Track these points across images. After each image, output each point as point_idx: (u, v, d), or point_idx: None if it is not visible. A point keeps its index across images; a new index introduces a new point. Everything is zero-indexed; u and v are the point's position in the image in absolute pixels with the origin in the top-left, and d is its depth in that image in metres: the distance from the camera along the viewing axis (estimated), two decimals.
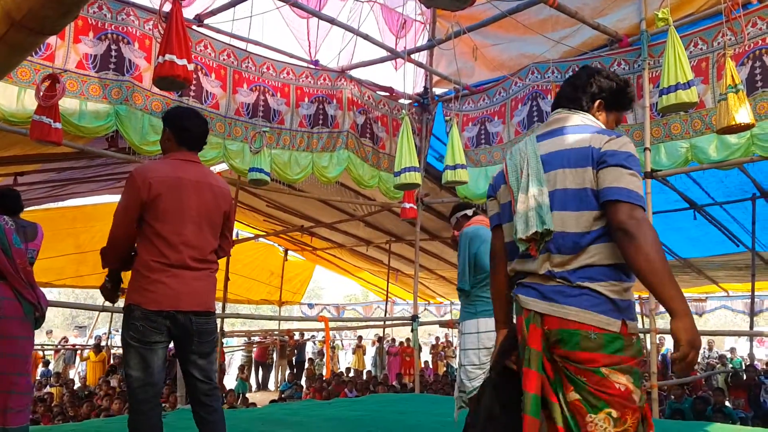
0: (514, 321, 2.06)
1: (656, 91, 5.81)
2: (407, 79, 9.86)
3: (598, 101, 2.10)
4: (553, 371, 1.81)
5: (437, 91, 8.89)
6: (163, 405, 8.17)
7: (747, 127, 5.02)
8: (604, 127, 2.07)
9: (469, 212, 4.15)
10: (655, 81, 6.18)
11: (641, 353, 1.81)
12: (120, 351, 15.47)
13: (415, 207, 8.03)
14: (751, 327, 11.00)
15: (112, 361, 14.09)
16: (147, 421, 2.59)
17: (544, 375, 1.79)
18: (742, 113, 4.96)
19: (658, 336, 7.20)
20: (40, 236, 3.85)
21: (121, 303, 2.95)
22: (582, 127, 2.00)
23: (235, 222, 11.68)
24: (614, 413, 1.71)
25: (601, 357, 1.73)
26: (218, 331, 2.82)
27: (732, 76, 4.96)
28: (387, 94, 8.47)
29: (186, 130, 2.82)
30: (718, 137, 5.89)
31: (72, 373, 14.79)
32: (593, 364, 1.74)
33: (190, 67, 4.61)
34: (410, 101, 8.70)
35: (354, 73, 8.02)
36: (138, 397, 2.58)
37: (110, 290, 2.90)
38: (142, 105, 5.93)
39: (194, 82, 6.28)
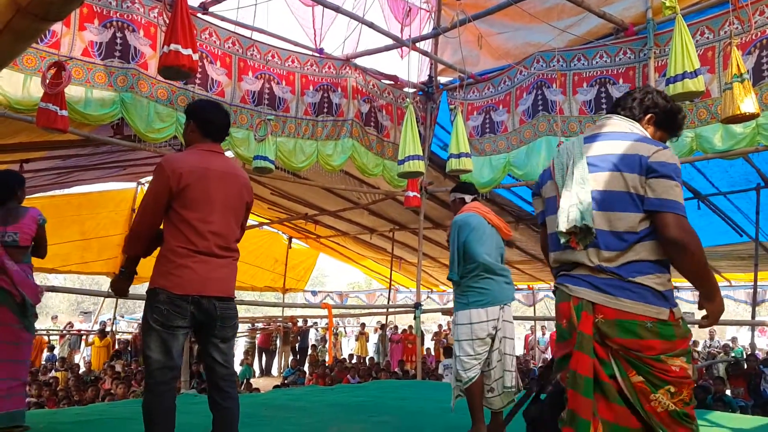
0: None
1: (662, 80, 5.79)
2: (412, 68, 9.84)
3: (649, 115, 2.25)
4: (607, 354, 1.98)
5: (442, 79, 8.87)
6: None
7: (752, 116, 5.02)
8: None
9: (468, 198, 4.05)
10: (661, 70, 6.16)
11: (688, 332, 2.04)
12: (124, 336, 15.62)
13: (419, 195, 8.04)
14: (753, 317, 11.00)
15: (116, 347, 14.22)
16: (162, 403, 2.61)
17: (594, 358, 1.97)
18: (748, 103, 4.95)
19: None
20: (26, 219, 3.79)
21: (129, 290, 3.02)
22: (630, 135, 2.14)
23: None
24: (672, 389, 1.93)
25: (658, 344, 1.94)
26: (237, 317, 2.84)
27: (738, 65, 4.95)
28: (391, 82, 8.46)
29: (210, 122, 2.89)
30: (724, 127, 5.88)
31: (77, 358, 14.92)
32: (652, 351, 1.94)
33: (195, 56, 4.62)
34: (415, 90, 8.68)
35: (359, 61, 8.01)
36: (156, 379, 2.60)
37: (123, 281, 2.94)
38: (147, 92, 5.94)
39: (199, 69, 6.28)
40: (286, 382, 11.36)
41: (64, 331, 16.09)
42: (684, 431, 1.92)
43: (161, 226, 2.75)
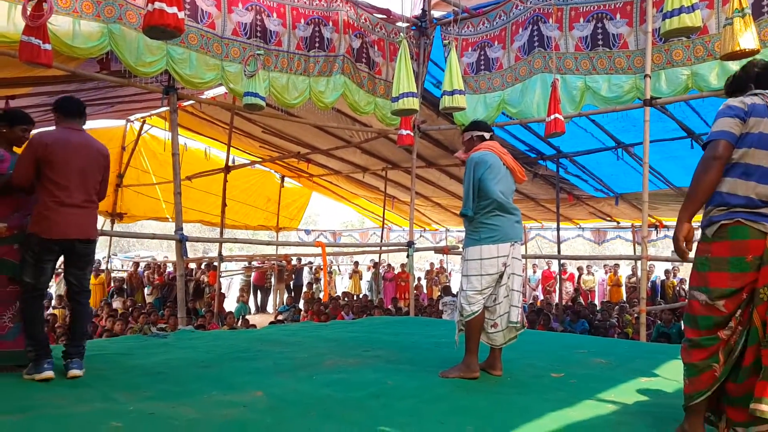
0: None
1: (659, 16, 5.67)
2: (405, 1, 9.57)
3: None
4: None
5: (436, 14, 8.64)
6: (164, 326, 8.40)
7: (752, 53, 4.95)
8: None
9: (487, 135, 3.97)
10: (659, 5, 6.02)
11: None
12: (119, 275, 15.74)
13: (412, 134, 7.97)
14: None
15: (112, 285, 14.36)
16: (32, 309, 3.58)
17: None
18: (747, 38, 4.88)
19: (648, 263, 7.33)
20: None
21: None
22: None
23: (231, 148, 11.62)
24: None
25: None
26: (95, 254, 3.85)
27: None
28: (384, 16, 8.23)
29: (66, 108, 3.73)
30: (720, 64, 5.81)
31: None
32: None
33: (181, 15, 4.48)
34: (408, 24, 8.47)
35: None
36: (28, 296, 3.56)
37: None
38: (136, 24, 5.75)
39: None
40: (281, 318, 11.56)
41: (59, 270, 16.16)
42: None
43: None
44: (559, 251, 12.15)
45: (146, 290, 14.49)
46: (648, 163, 6.48)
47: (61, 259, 3.73)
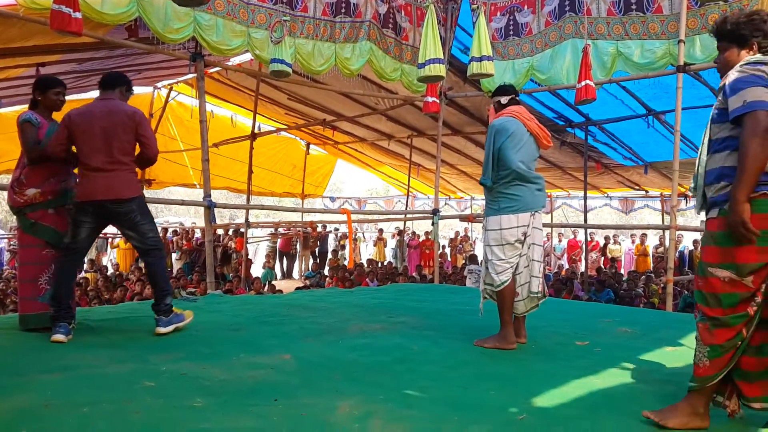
0: None
1: None
2: None
3: None
4: None
5: None
6: (193, 290, 8.57)
7: None
8: None
9: (504, 100, 3.87)
10: None
11: None
12: None
13: (438, 101, 7.89)
14: None
15: None
16: (64, 265, 3.76)
17: None
18: None
19: (677, 233, 7.24)
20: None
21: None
22: None
23: (257, 115, 11.65)
24: None
25: None
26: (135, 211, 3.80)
27: None
28: None
29: (99, 83, 3.89)
30: None
31: (104, 260, 15.44)
32: None
33: None
34: None
35: None
36: (62, 255, 3.77)
37: None
38: None
39: None
40: (308, 284, 11.71)
41: None
42: None
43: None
44: (585, 220, 12.03)
45: (174, 256, 14.77)
46: (680, 131, 6.34)
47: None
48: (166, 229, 16.83)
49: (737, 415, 2.43)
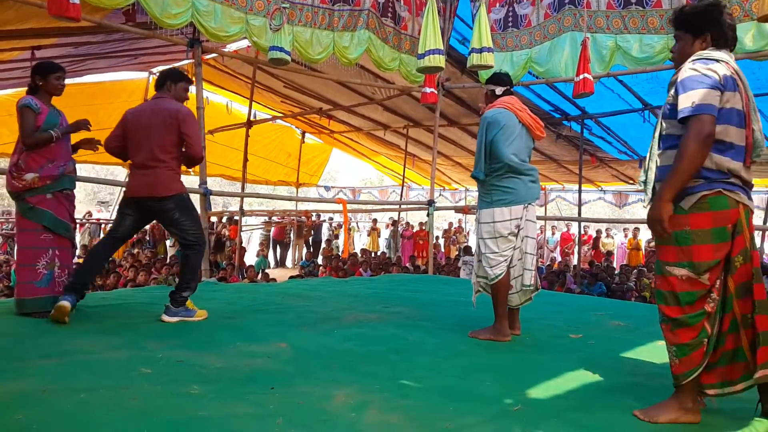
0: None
1: None
2: None
3: None
4: None
5: None
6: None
7: None
8: None
9: (498, 90, 3.85)
10: None
11: None
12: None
13: (436, 92, 7.88)
14: (765, 222, 11.06)
15: (135, 236, 14.58)
16: (98, 248, 4.14)
17: None
18: None
19: None
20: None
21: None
22: None
23: (253, 102, 11.60)
24: None
25: None
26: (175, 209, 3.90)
27: None
28: None
29: (158, 79, 4.08)
30: (757, 26, 5.63)
31: None
32: None
33: None
34: None
35: None
36: (105, 237, 4.14)
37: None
38: None
39: None
40: (303, 273, 11.71)
41: (83, 220, 16.47)
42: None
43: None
44: (579, 213, 12.08)
45: (168, 242, 14.73)
46: None
47: None
48: None
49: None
